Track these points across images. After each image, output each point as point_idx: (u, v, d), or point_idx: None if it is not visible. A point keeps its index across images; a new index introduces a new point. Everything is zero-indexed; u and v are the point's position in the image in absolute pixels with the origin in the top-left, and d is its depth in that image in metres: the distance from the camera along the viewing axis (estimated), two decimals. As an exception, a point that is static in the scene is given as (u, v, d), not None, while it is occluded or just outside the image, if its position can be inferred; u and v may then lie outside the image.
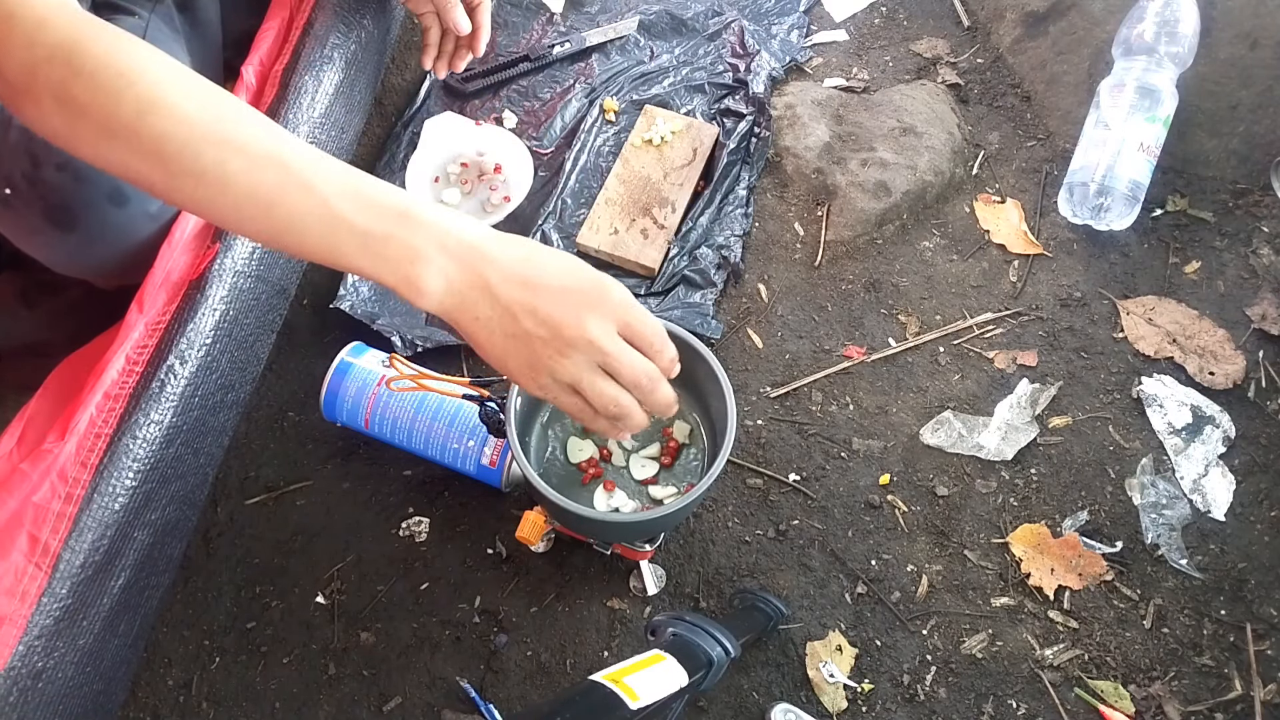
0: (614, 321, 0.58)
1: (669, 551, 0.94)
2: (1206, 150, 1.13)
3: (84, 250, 0.75)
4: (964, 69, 1.27)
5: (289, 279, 0.90)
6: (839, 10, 1.34)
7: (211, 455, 0.85)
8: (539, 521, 0.88)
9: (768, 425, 1.01)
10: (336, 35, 0.93)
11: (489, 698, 0.87)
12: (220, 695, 0.89)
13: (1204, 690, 0.87)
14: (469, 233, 0.57)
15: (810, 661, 0.88)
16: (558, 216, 1.12)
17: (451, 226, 0.56)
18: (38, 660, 0.65)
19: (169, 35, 0.80)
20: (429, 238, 0.55)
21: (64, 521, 0.66)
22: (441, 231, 0.55)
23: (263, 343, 0.89)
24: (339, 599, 0.93)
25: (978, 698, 0.87)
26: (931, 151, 1.15)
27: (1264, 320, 1.04)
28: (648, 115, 1.18)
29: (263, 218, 0.55)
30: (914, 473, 0.98)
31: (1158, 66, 1.08)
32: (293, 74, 0.87)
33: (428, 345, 1.04)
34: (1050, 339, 1.06)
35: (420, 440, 0.93)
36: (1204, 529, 0.94)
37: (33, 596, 0.64)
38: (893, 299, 1.09)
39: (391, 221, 0.55)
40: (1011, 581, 0.92)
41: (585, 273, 0.59)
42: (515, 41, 1.28)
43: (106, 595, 0.72)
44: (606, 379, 0.59)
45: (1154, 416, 0.99)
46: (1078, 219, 1.12)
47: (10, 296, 0.91)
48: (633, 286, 1.07)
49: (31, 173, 0.70)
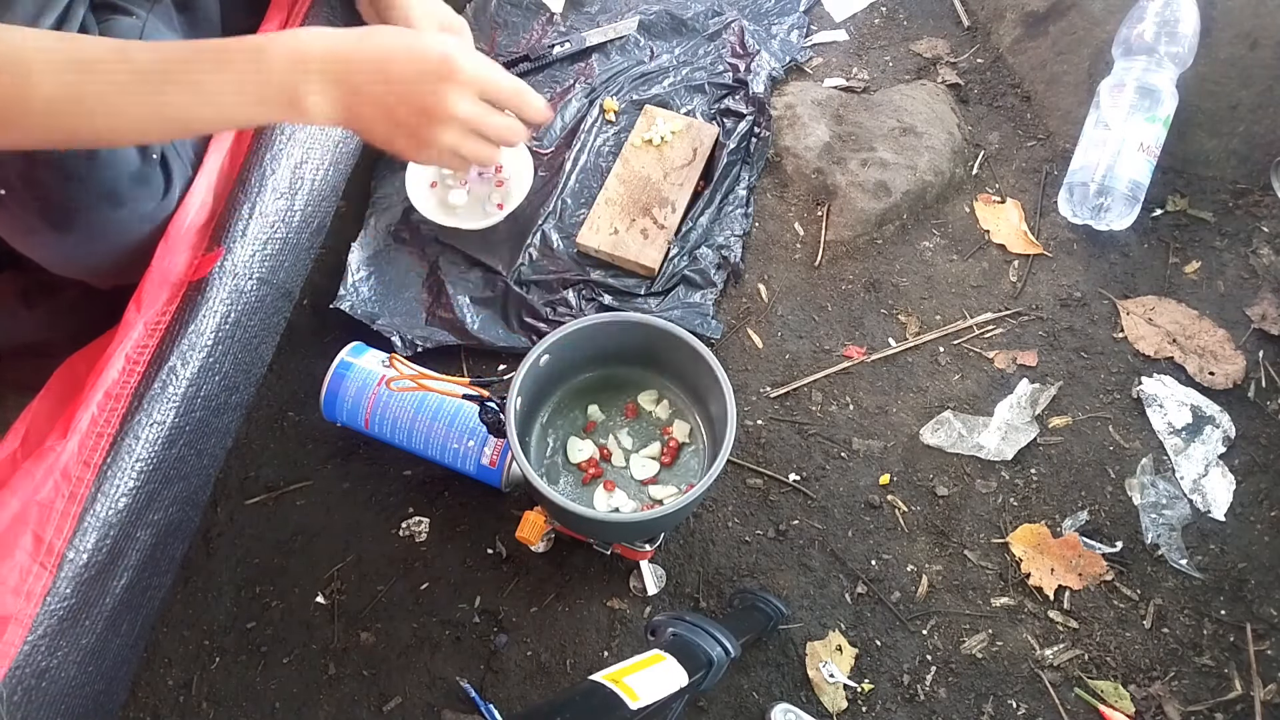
0: (474, 90, 0.66)
1: (669, 551, 0.94)
2: (1206, 150, 1.13)
3: (80, 250, 0.75)
4: (964, 69, 1.27)
5: (294, 281, 0.90)
6: (839, 10, 1.34)
7: (214, 456, 0.85)
8: (539, 521, 0.88)
9: (768, 425, 1.01)
10: None
11: (489, 698, 0.87)
12: (220, 695, 0.89)
13: (1204, 690, 0.87)
14: (327, 47, 0.62)
15: (810, 661, 0.88)
16: (558, 216, 1.12)
17: (306, 50, 0.61)
18: (42, 659, 0.65)
19: (167, 35, 0.80)
20: (293, 69, 0.61)
21: (68, 521, 0.66)
22: (300, 57, 0.61)
23: (267, 344, 0.89)
24: (339, 599, 0.93)
25: (978, 698, 0.87)
26: (931, 151, 1.15)
27: (1264, 320, 1.04)
28: (648, 115, 1.18)
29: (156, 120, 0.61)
30: (914, 473, 0.98)
31: (1158, 66, 1.08)
32: None
33: (428, 345, 1.04)
34: (1050, 339, 1.06)
35: (420, 440, 0.93)
36: (1204, 529, 0.94)
37: (38, 595, 0.64)
38: (893, 299, 1.09)
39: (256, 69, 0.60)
40: (1011, 581, 0.92)
41: (428, 49, 0.65)
42: (515, 41, 1.28)
43: (109, 594, 0.72)
44: (478, 140, 0.69)
45: (1154, 416, 1.00)
46: (1078, 219, 1.12)
47: (10, 296, 0.91)
48: (633, 286, 1.08)
49: (27, 173, 0.70)
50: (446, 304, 1.06)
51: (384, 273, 1.09)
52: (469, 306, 1.06)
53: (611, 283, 1.07)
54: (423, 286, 1.08)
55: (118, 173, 0.73)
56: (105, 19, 0.75)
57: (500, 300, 1.07)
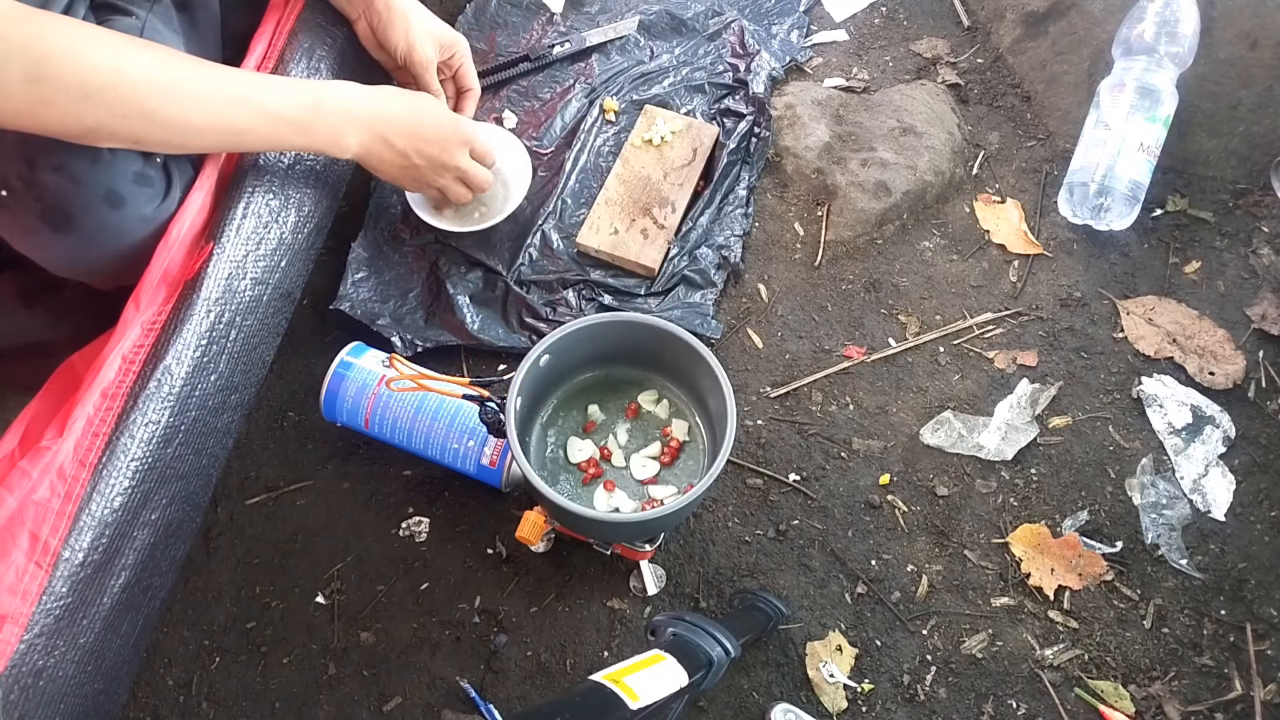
0: (466, 148, 0.93)
1: (669, 551, 0.94)
2: (1206, 150, 1.13)
3: (80, 251, 0.75)
4: (964, 69, 1.27)
5: (293, 283, 0.90)
6: (839, 10, 1.34)
7: (215, 456, 0.85)
8: (539, 521, 0.88)
9: (768, 425, 1.01)
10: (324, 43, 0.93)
11: (489, 698, 0.87)
12: (220, 695, 0.89)
13: (1204, 690, 0.87)
14: (370, 103, 0.82)
15: (810, 661, 0.88)
16: (558, 216, 1.12)
17: (355, 104, 0.81)
18: (38, 658, 0.65)
19: (167, 35, 0.80)
20: (343, 116, 0.80)
21: (64, 520, 0.66)
22: (350, 108, 0.80)
23: (267, 345, 0.89)
24: (339, 599, 0.93)
25: (978, 698, 0.87)
26: (931, 151, 1.15)
27: (1264, 320, 1.04)
28: (648, 115, 1.18)
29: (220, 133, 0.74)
30: (914, 473, 0.98)
31: (1158, 66, 1.08)
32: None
33: (428, 345, 1.04)
34: (1050, 339, 1.06)
35: (420, 440, 0.93)
36: (1204, 529, 0.94)
37: (34, 595, 0.64)
38: (893, 299, 1.09)
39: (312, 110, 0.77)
40: (1011, 581, 0.92)
41: (445, 118, 0.91)
42: (515, 41, 1.28)
43: (107, 594, 0.72)
44: (462, 185, 0.97)
45: (1154, 416, 0.99)
46: (1078, 219, 1.12)
47: (10, 296, 0.91)
48: (633, 286, 1.07)
49: (27, 175, 0.70)
50: (446, 304, 1.06)
51: (384, 273, 1.08)
52: (469, 306, 1.06)
53: (611, 283, 1.07)
54: (423, 286, 1.08)
55: (118, 174, 0.73)
56: (105, 19, 0.75)
57: (500, 300, 1.07)
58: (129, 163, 0.74)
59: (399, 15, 0.95)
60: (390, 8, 0.94)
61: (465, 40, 1.01)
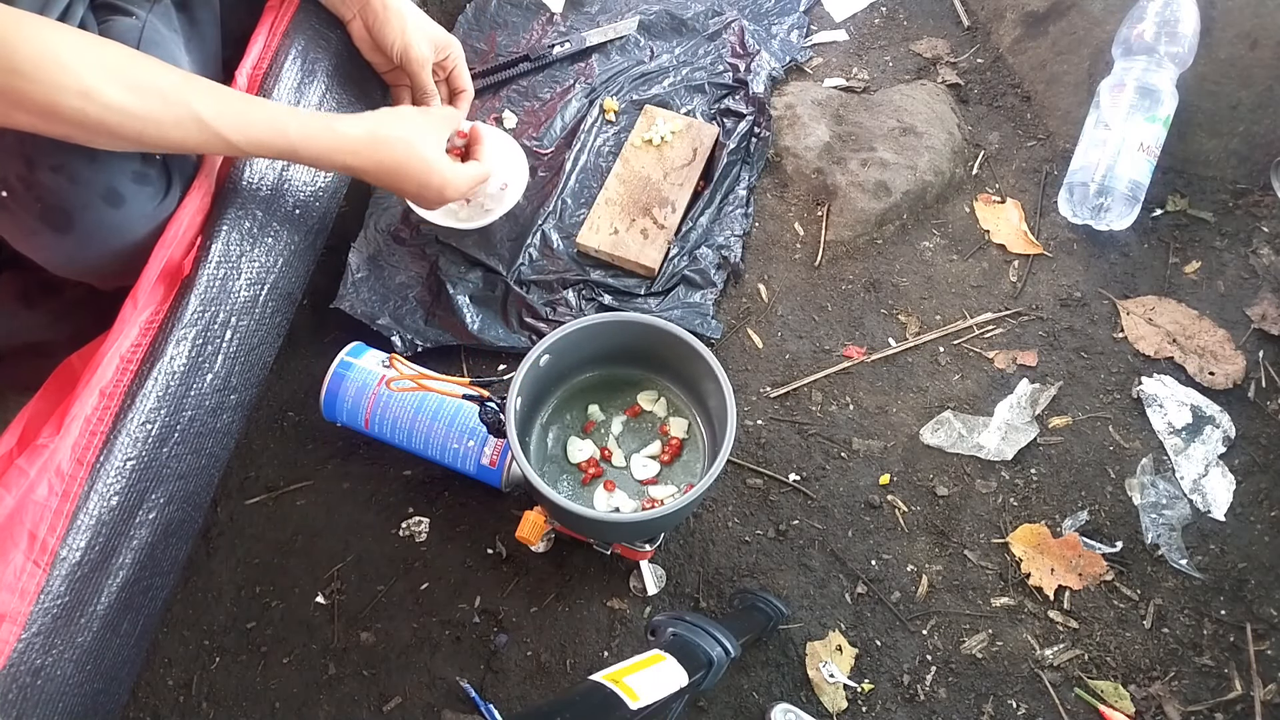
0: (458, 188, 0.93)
1: (669, 551, 0.94)
2: (1206, 150, 1.13)
3: (80, 251, 0.75)
4: (964, 69, 1.27)
5: (293, 283, 0.90)
6: (839, 10, 1.34)
7: (215, 457, 0.85)
8: (539, 521, 0.88)
9: (768, 425, 1.01)
10: (318, 47, 0.92)
11: (489, 698, 0.87)
12: (220, 695, 0.89)
13: (1204, 690, 0.87)
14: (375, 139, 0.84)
15: (810, 661, 0.88)
16: (558, 216, 1.12)
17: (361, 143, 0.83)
18: (36, 657, 0.65)
19: (167, 35, 0.80)
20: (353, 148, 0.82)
21: (61, 519, 0.66)
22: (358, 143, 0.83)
23: (267, 346, 0.89)
24: (339, 599, 0.93)
25: (978, 698, 0.87)
26: (931, 151, 1.15)
27: (1264, 320, 1.04)
28: (648, 115, 1.18)
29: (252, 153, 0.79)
30: (914, 473, 0.98)
31: (1158, 66, 1.08)
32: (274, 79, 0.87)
33: (428, 345, 1.04)
34: (1050, 339, 1.06)
35: (420, 440, 0.93)
36: (1204, 529, 0.94)
37: (32, 593, 0.64)
38: (893, 299, 1.09)
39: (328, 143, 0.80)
40: (1011, 581, 0.92)
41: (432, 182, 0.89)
42: (515, 41, 1.28)
43: (105, 593, 0.72)
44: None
45: (1154, 416, 0.99)
46: (1078, 219, 1.12)
47: (10, 296, 0.91)
48: (633, 286, 1.07)
49: (27, 175, 0.70)
50: (446, 304, 1.06)
51: (384, 273, 1.08)
52: (469, 306, 1.06)
53: (611, 283, 1.07)
54: (423, 286, 1.08)
55: (118, 173, 0.73)
56: (105, 19, 0.75)
57: (500, 300, 1.07)
58: (128, 161, 0.74)
59: (395, 14, 0.94)
60: (387, 6, 0.94)
61: (459, 42, 1.00)
